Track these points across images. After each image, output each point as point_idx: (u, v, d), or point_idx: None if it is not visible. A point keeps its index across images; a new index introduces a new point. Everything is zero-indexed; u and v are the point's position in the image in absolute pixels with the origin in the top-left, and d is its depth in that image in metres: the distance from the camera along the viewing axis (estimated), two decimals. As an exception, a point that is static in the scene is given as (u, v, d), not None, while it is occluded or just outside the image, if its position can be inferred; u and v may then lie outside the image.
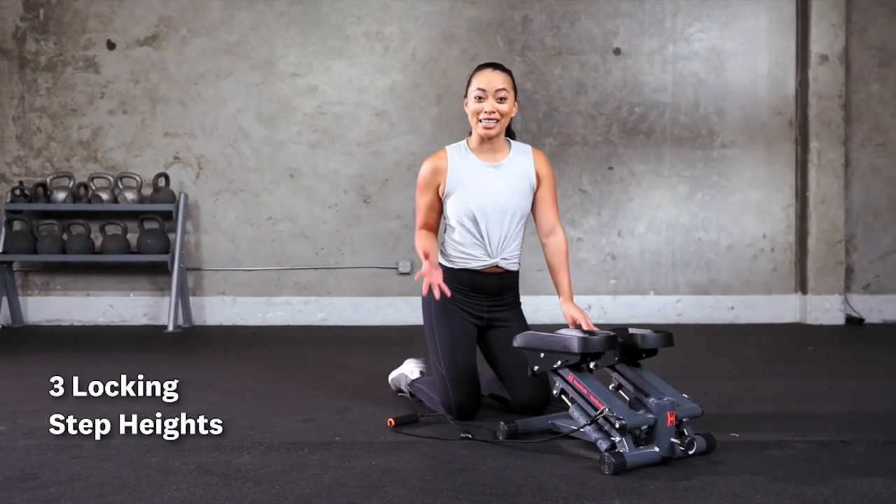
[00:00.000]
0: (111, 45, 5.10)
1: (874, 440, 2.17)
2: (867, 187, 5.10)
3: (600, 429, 1.98)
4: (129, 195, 4.87)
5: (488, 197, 2.45)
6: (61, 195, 4.84)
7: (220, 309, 5.08)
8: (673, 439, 1.95)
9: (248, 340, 4.44)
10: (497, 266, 2.47)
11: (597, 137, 5.10)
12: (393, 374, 2.81)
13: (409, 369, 2.74)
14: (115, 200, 4.87)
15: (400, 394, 2.78)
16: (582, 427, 2.00)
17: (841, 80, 4.99)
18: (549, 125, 5.09)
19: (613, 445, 1.95)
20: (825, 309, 4.99)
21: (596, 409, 1.98)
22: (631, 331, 2.18)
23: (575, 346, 2.02)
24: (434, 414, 2.43)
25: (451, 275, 2.46)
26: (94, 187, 4.89)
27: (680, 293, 5.08)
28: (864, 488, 1.78)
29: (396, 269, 5.08)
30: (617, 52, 5.12)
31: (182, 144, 5.11)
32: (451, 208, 2.48)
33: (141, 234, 4.88)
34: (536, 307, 4.28)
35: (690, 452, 1.96)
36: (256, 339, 4.47)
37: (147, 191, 4.98)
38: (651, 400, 1.98)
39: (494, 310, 2.49)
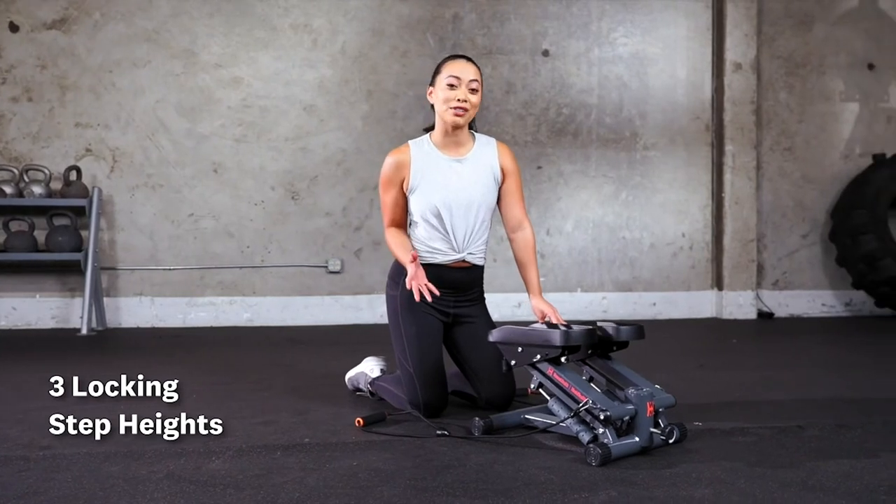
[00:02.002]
0: (14, 28, 4.74)
1: (826, 425, 2.29)
2: (776, 189, 5.40)
3: (581, 421, 2.00)
4: (37, 189, 4.54)
5: (452, 192, 2.41)
6: (-42, 188, 4.45)
7: (137, 310, 4.81)
8: (652, 429, 1.99)
9: (173, 342, 4.23)
10: (464, 261, 2.44)
11: (526, 137, 5.17)
12: (350, 373, 2.74)
13: (369, 367, 2.67)
14: (20, 195, 4.53)
15: (358, 393, 2.71)
16: (564, 420, 2.01)
17: (753, 88, 5.27)
18: (480, 124, 5.10)
19: (595, 437, 1.96)
20: (739, 304, 5.25)
21: (577, 402, 1.99)
22: (601, 324, 2.20)
23: (557, 340, 2.02)
24: (401, 412, 2.37)
25: None
26: (-4, 180, 4.53)
27: (605, 290, 5.22)
28: (833, 469, 1.87)
29: (326, 267, 4.97)
30: (545, 53, 5.20)
31: (95, 136, 4.81)
32: (414, 204, 2.43)
33: (50, 230, 4.56)
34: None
35: (671, 441, 2.00)
36: (181, 341, 4.26)
37: (56, 185, 4.66)
38: (631, 391, 2.01)
39: (461, 305, 2.46)
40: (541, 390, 2.12)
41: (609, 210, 5.25)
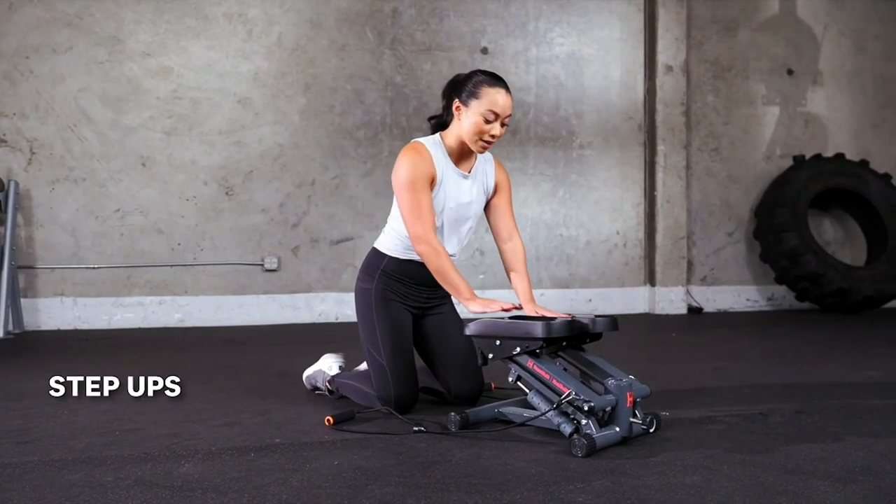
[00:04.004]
0: (-82, 7, 4.38)
1: (787, 411, 2.36)
2: (703, 188, 5.59)
3: (562, 413, 1.98)
4: (-54, 181, 4.21)
5: (460, 207, 2.35)
6: None
7: (57, 312, 4.53)
8: (632, 419, 2.00)
9: (100, 345, 3.99)
10: None
11: (465, 134, 5.15)
12: (308, 372, 2.65)
13: (327, 365, 2.59)
14: (-74, 187, 4.19)
15: (317, 392, 2.62)
16: (546, 412, 1.99)
17: (683, 90, 5.44)
18: (419, 120, 5.07)
19: (577, 429, 1.95)
20: (670, 300, 5.40)
21: (559, 394, 1.98)
22: (577, 316, 2.20)
23: (539, 332, 2.00)
24: (370, 409, 2.30)
25: (395, 266, 2.35)
26: None
27: (543, 287, 5.27)
28: (806, 453, 1.92)
29: (262, 265, 4.81)
30: (484, 51, 5.21)
31: (10, 125, 4.50)
32: None
33: (-39, 226, 4.23)
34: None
35: (651, 430, 2.02)
36: (109, 343, 4.03)
37: (-33, 177, 4.33)
38: (610, 381, 2.01)
39: (433, 300, 2.43)
40: (519, 383, 2.10)
41: (547, 208, 5.31)
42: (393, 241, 2.38)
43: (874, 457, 1.89)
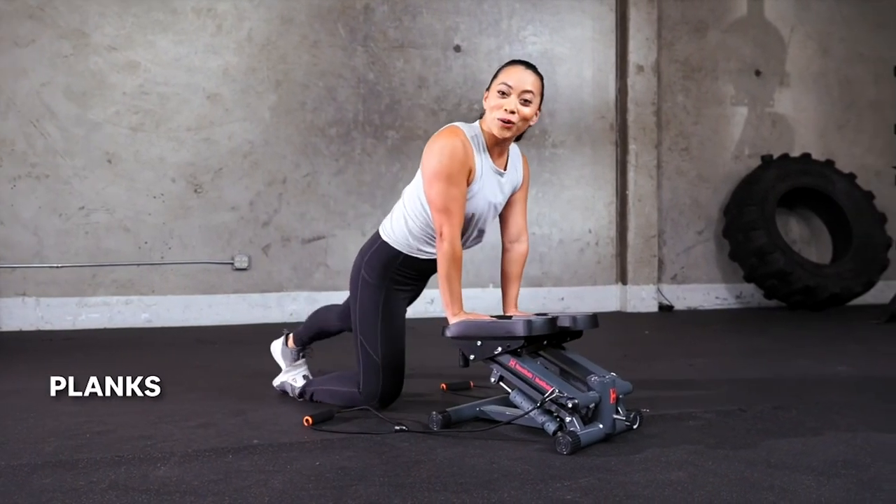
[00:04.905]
0: None
1: (765, 407, 2.38)
2: (674, 187, 5.64)
3: (546, 411, 1.97)
4: None
5: (490, 206, 2.24)
6: None
7: (19, 312, 4.39)
8: (615, 416, 1.99)
9: (65, 345, 3.89)
10: None
11: (438, 132, 5.13)
12: (276, 381, 2.62)
13: (291, 377, 2.55)
14: None
15: (291, 396, 2.57)
16: (530, 411, 1.97)
17: (654, 89, 5.48)
18: (392, 118, 5.03)
19: (561, 427, 1.94)
20: (642, 298, 5.43)
21: (542, 392, 1.96)
22: (558, 314, 2.19)
23: (520, 331, 1.98)
24: (353, 408, 2.27)
25: (410, 263, 2.28)
26: None
27: (516, 286, 5.25)
28: (787, 448, 1.93)
29: (232, 264, 4.73)
30: (457, 48, 5.19)
31: (-31, 120, 4.36)
32: None
33: (-83, 224, 4.08)
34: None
35: (635, 427, 2.01)
36: (75, 344, 3.92)
37: (-76, 173, 4.18)
38: (593, 378, 2.00)
39: (422, 289, 2.43)
40: (501, 383, 2.07)
41: (519, 206, 5.29)
42: (412, 236, 2.24)
43: (854, 450, 1.90)
